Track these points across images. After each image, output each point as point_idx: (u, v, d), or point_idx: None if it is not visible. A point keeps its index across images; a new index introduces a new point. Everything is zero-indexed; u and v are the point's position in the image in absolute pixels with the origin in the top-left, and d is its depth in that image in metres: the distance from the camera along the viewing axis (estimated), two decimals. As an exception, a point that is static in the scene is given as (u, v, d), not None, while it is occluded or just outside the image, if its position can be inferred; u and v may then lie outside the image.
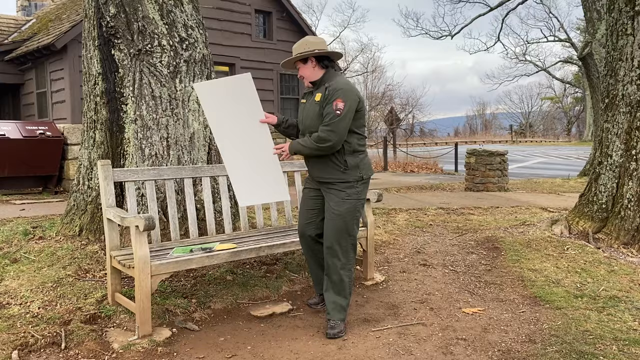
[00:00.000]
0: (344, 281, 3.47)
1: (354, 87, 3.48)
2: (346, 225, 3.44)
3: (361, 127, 3.46)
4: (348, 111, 3.29)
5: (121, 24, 4.83)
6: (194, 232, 4.14)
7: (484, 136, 53.29)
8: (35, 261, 4.45)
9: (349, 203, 3.42)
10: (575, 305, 3.82)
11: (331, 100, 3.30)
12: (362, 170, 3.45)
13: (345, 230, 3.44)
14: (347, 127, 3.32)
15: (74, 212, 5.19)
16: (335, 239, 3.44)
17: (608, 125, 5.44)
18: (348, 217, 3.43)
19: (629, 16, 5.17)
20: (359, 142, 3.44)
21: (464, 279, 4.55)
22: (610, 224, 5.26)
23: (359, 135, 3.45)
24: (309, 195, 3.67)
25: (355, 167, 3.41)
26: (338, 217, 3.42)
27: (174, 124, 4.92)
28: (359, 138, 3.45)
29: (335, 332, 3.38)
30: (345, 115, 3.28)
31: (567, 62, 42.27)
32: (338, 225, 3.42)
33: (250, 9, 13.18)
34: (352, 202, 3.44)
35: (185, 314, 3.69)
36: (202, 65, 5.16)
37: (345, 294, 3.49)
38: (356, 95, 3.37)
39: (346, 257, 3.49)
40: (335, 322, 3.43)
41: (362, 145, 3.48)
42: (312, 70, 3.47)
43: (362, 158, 3.47)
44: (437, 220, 7.05)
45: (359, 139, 3.45)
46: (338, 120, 3.27)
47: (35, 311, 3.55)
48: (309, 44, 3.45)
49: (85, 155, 5.25)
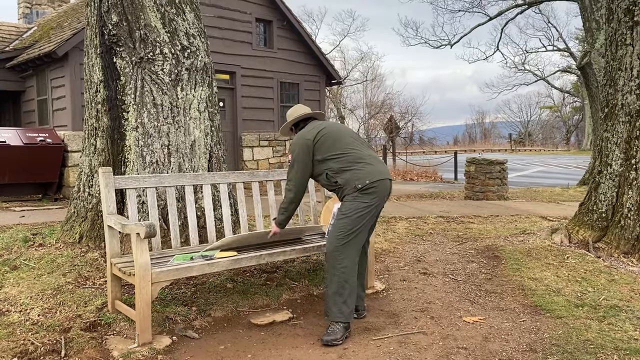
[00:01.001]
0: (344, 286, 3.47)
1: (304, 133, 3.79)
2: (346, 226, 3.51)
3: (331, 151, 3.67)
4: (296, 158, 3.70)
5: (123, 32, 4.85)
6: (195, 240, 4.14)
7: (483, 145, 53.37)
8: (35, 268, 4.44)
9: (348, 204, 3.55)
10: (576, 315, 3.81)
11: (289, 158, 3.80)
12: (357, 181, 3.56)
13: (345, 231, 3.50)
14: (301, 172, 3.70)
15: (74, 219, 5.19)
16: (337, 242, 3.52)
17: (608, 135, 5.45)
18: (349, 215, 3.51)
19: (628, 26, 5.21)
20: (341, 161, 3.65)
21: (464, 287, 4.54)
22: (611, 233, 5.26)
23: (337, 157, 3.65)
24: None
25: (347, 182, 3.60)
26: (341, 219, 3.55)
27: (175, 131, 4.93)
28: (336, 159, 3.65)
29: (329, 338, 3.39)
30: (294, 162, 3.72)
31: (566, 71, 42.45)
32: (340, 226, 3.53)
33: (251, 17, 13.23)
34: (350, 202, 3.55)
35: (186, 321, 3.68)
36: (204, 74, 5.18)
37: (344, 297, 3.47)
38: (302, 140, 3.72)
39: (349, 260, 3.50)
40: (334, 327, 3.44)
41: (349, 162, 3.63)
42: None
43: (354, 172, 3.60)
44: (437, 228, 7.05)
45: (338, 159, 3.65)
46: (290, 171, 3.75)
47: (35, 318, 3.54)
48: (288, 117, 4.04)
49: (86, 162, 5.26)
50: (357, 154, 3.68)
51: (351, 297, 3.51)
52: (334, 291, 3.49)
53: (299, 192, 3.76)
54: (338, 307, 3.47)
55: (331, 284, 3.50)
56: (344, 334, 3.44)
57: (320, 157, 3.69)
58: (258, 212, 4.54)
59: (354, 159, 3.66)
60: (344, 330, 3.46)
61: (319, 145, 3.69)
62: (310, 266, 4.87)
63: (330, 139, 3.71)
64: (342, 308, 3.47)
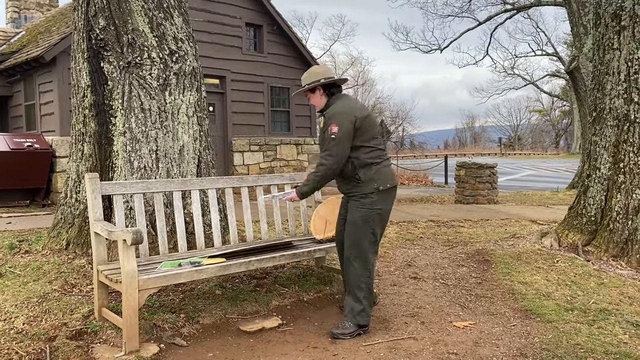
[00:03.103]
0: (360, 287, 3.58)
1: (353, 107, 3.57)
2: (356, 233, 3.56)
3: (370, 140, 3.57)
4: (343, 134, 3.45)
5: (110, 37, 4.81)
6: (183, 246, 4.09)
7: (473, 149, 53.63)
8: (21, 276, 4.38)
9: (361, 212, 3.56)
10: (566, 319, 3.81)
11: (327, 125, 3.51)
12: (378, 181, 3.55)
13: (356, 237, 3.57)
14: (344, 148, 3.48)
15: (61, 226, 5.13)
16: (348, 246, 3.61)
17: (596, 139, 5.48)
18: (359, 224, 3.55)
19: (615, 31, 5.24)
20: (370, 155, 3.55)
21: (454, 292, 4.53)
22: (600, 237, 5.28)
23: (369, 148, 3.55)
24: (342, 204, 3.86)
25: (369, 180, 3.53)
26: (349, 225, 3.59)
27: (163, 136, 4.89)
28: (369, 151, 3.55)
29: (337, 332, 3.53)
30: (341, 138, 3.45)
31: (555, 75, 42.82)
32: (349, 233, 3.59)
33: (241, 22, 13.21)
34: (364, 210, 3.55)
35: (174, 329, 3.63)
36: (192, 78, 5.15)
37: (358, 298, 3.58)
38: (351, 116, 3.49)
39: (360, 264, 3.58)
40: (345, 324, 3.55)
41: (376, 157, 3.58)
42: (319, 99, 3.69)
43: (378, 169, 3.56)
44: (428, 233, 7.05)
45: (369, 152, 3.55)
46: (333, 145, 3.46)
47: (20, 327, 3.47)
48: (315, 75, 3.66)
49: (73, 168, 5.20)
50: (382, 151, 3.63)
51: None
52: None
53: (337, 168, 3.50)
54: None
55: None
56: (354, 330, 3.56)
57: (356, 143, 3.50)
58: (247, 217, 4.50)
59: (379, 155, 3.59)
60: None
61: (362, 128, 3.50)
62: (301, 272, 4.84)
63: (370, 126, 3.56)
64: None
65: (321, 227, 4.41)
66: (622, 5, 5.17)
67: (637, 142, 5.07)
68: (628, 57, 5.14)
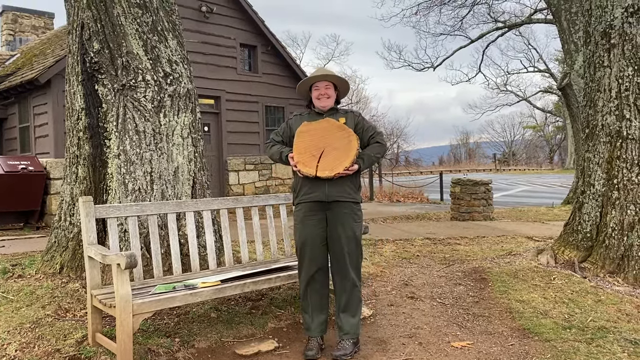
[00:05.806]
0: (360, 301, 3.70)
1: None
2: (358, 249, 3.67)
3: None
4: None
5: (105, 60, 4.83)
6: (178, 268, 4.06)
7: (468, 165, 53.79)
8: (14, 301, 4.33)
9: (358, 223, 3.67)
10: (564, 337, 3.79)
11: (365, 122, 3.75)
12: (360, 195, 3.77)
13: (357, 255, 3.67)
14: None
15: (54, 249, 5.09)
16: (354, 267, 3.64)
17: (589, 155, 5.51)
18: (359, 239, 3.68)
19: (605, 49, 5.30)
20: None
21: (452, 311, 4.50)
22: (596, 253, 5.28)
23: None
24: (318, 227, 3.60)
25: (359, 188, 3.74)
26: (350, 242, 3.60)
27: (157, 158, 4.89)
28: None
29: (339, 354, 3.51)
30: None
31: (547, 91, 43.22)
32: (352, 251, 3.62)
33: (235, 42, 13.31)
34: (359, 221, 3.70)
35: (169, 353, 3.59)
36: (187, 100, 5.17)
37: (360, 313, 3.70)
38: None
39: (360, 278, 3.72)
40: (344, 343, 3.56)
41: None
42: (332, 100, 3.78)
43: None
44: (424, 251, 7.03)
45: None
46: (381, 133, 3.79)
47: (12, 354, 3.42)
48: (329, 77, 3.75)
49: (68, 190, 5.18)
50: None
51: None
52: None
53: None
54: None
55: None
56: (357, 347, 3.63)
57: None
58: (242, 238, 4.48)
59: None
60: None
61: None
62: (296, 293, 4.79)
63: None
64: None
65: (311, 162, 3.53)
66: (612, 24, 5.23)
67: (630, 159, 5.10)
68: (619, 75, 5.19)
